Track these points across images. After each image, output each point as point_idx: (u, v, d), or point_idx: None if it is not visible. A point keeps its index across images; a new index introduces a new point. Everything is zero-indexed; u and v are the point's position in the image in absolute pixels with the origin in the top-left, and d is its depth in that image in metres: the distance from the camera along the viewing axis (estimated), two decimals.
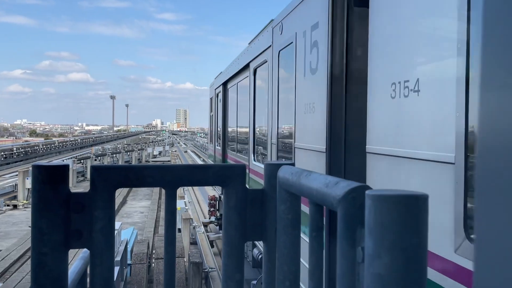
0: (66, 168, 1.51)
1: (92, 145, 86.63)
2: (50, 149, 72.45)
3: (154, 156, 75.46)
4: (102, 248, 1.54)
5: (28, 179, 30.94)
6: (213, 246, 18.44)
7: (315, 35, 5.21)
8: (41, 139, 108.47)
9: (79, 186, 38.85)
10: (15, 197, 32.83)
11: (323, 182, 1.24)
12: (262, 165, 2.75)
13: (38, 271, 1.47)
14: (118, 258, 13.48)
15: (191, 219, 22.22)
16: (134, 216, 28.77)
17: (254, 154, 9.39)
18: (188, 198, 32.13)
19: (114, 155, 64.00)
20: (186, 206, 26.99)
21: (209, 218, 20.59)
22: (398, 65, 3.60)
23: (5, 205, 30.16)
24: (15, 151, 60.66)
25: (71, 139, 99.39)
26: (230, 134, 13.34)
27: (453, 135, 2.82)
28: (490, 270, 0.68)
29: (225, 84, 13.65)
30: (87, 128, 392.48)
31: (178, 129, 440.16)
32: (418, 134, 3.29)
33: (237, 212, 1.70)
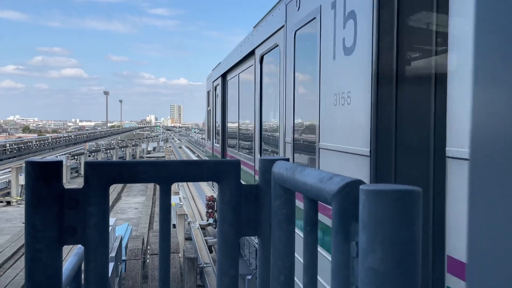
0: (59, 164, 1.50)
1: (86, 141, 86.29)
2: (43, 145, 72.12)
3: (148, 152, 75.32)
4: (96, 244, 1.54)
5: (21, 175, 30.80)
6: (212, 251, 17.13)
7: (352, 3, 4.16)
8: (35, 135, 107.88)
9: (73, 182, 38.73)
10: (8, 194, 32.70)
11: (318, 177, 1.24)
12: None
13: (32, 268, 1.46)
14: (112, 254, 13.48)
15: (186, 214, 22.23)
16: (128, 212, 28.74)
17: (261, 154, 8.33)
18: (183, 194, 32.14)
19: (108, 151, 63.84)
20: (180, 202, 27.01)
21: (207, 220, 20.16)
22: None
23: None
24: (8, 148, 60.29)
25: (65, 135, 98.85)
26: (230, 131, 12.22)
27: None
28: (483, 267, 0.69)
29: (224, 76, 12.53)
30: (80, 124, 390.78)
31: (172, 125, 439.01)
32: None
33: (232, 207, 1.71)
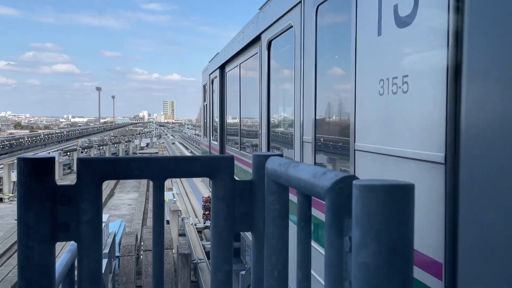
0: (52, 160, 1.49)
1: (78, 137, 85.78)
2: (35, 142, 71.59)
3: (142, 148, 75.07)
4: (89, 240, 1.54)
5: (13, 172, 30.58)
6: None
7: None
8: (26, 132, 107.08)
9: (65, 178, 38.51)
10: (0, 190, 32.45)
11: (311, 172, 1.25)
12: None
13: (25, 265, 1.46)
14: (106, 251, 13.45)
15: (180, 211, 22.20)
16: (122, 208, 28.65)
17: None
18: (176, 190, 32.11)
19: (101, 147, 63.50)
20: (174, 198, 26.99)
21: (204, 223, 19.98)
22: None
23: None
24: None
25: (57, 131, 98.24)
26: (230, 127, 11.16)
27: None
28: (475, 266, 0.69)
29: (223, 67, 11.41)
30: (73, 120, 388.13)
31: (166, 121, 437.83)
32: None
33: (226, 203, 1.71)
